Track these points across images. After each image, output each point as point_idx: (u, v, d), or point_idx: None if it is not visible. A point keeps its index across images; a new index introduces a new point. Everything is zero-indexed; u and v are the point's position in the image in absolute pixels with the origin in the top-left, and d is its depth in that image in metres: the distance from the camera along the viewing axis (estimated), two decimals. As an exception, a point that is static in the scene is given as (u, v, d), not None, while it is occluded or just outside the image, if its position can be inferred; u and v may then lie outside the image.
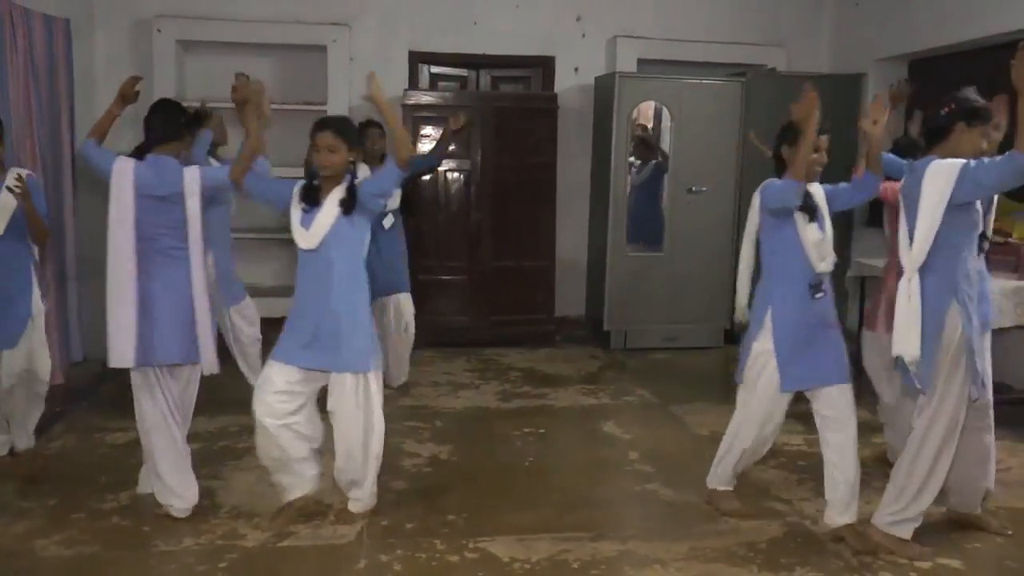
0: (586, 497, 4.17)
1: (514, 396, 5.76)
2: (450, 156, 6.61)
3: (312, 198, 3.58)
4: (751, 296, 3.86)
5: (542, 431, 5.13)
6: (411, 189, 5.81)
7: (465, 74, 7.63)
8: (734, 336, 7.12)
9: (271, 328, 5.25)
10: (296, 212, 3.60)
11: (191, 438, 4.75)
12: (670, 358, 6.56)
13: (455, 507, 3.98)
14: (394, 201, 5.43)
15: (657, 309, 6.83)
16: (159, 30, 6.63)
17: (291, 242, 3.69)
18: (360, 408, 3.72)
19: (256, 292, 6.00)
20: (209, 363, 3.86)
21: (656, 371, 6.45)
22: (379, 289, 5.40)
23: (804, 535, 3.76)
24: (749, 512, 3.94)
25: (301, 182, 3.66)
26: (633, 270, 6.97)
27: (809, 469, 4.51)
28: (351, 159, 3.61)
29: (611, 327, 7.03)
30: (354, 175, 3.64)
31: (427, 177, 6.45)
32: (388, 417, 5.16)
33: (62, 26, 5.72)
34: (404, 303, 5.62)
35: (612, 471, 4.53)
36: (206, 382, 5.92)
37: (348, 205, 3.52)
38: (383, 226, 5.42)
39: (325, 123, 3.59)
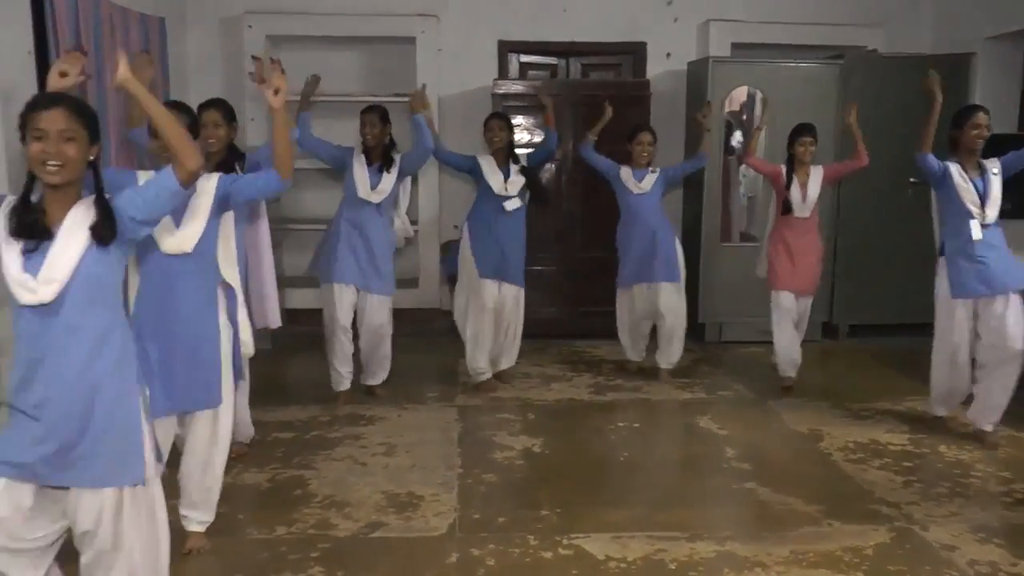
0: (682, 495, 4.06)
1: (607, 389, 5.66)
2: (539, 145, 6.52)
3: None
4: None
5: (636, 425, 5.02)
6: (538, 176, 5.71)
7: (555, 62, 7.52)
8: (833, 330, 6.91)
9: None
10: None
11: (283, 427, 4.84)
12: (766, 352, 6.34)
13: (548, 502, 3.91)
14: (514, 187, 5.36)
15: (753, 302, 6.61)
16: (249, 26, 6.70)
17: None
18: None
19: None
20: None
21: (752, 365, 6.26)
22: (486, 272, 5.42)
23: (914, 542, 3.57)
24: None
25: None
26: (728, 261, 6.80)
27: (916, 471, 4.31)
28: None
29: (706, 320, 6.86)
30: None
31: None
32: (480, 409, 5.24)
33: (157, 25, 5.82)
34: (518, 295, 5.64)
35: (708, 468, 4.41)
36: (295, 373, 6.06)
37: None
38: (504, 208, 5.37)
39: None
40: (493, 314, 5.45)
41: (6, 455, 2.46)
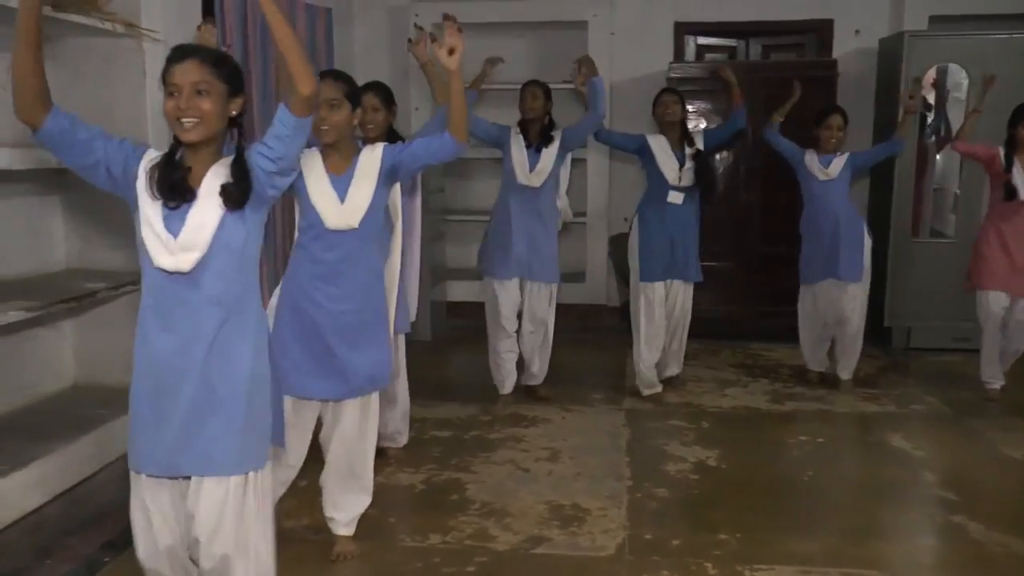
0: (877, 525, 3.62)
1: (786, 397, 5.23)
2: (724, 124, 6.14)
3: None
4: None
5: (820, 440, 4.59)
6: (712, 164, 5.30)
7: (734, 44, 7.11)
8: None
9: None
10: None
11: (441, 424, 4.70)
12: (962, 361, 5.75)
13: (726, 524, 3.57)
14: (688, 176, 4.98)
15: (946, 304, 6.01)
16: (416, 14, 6.61)
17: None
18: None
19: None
20: None
21: (946, 376, 5.67)
22: (655, 274, 5.06)
23: None
24: None
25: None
26: (919, 259, 6.20)
27: None
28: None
29: (892, 323, 6.29)
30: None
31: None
32: (649, 414, 4.95)
33: (323, 16, 5.78)
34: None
35: (905, 495, 3.94)
36: (455, 368, 5.91)
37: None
38: (667, 201, 5.00)
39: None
40: (663, 319, 5.11)
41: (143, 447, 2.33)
